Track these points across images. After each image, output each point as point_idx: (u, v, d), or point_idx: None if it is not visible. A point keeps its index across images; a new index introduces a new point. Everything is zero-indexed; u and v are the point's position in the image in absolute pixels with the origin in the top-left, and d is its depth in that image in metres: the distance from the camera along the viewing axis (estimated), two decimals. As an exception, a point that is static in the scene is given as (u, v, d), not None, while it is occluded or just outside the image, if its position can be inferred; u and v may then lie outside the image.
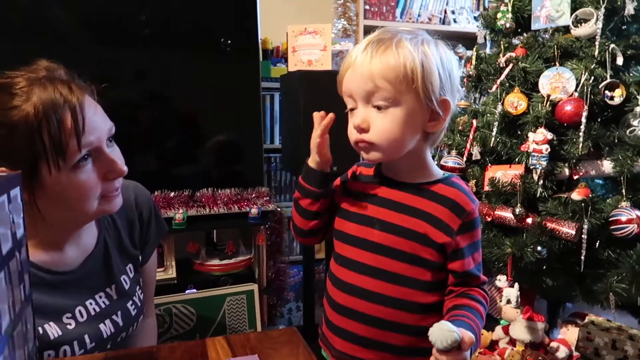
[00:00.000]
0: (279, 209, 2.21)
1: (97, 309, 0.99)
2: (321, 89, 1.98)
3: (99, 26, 1.93)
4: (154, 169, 2.07)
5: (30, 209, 0.85)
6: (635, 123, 1.49)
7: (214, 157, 2.17)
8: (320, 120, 0.91)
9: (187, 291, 1.79)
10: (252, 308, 1.81)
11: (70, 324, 0.93)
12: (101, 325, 0.98)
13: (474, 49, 1.99)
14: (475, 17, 3.09)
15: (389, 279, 0.87)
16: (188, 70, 2.07)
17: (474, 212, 0.87)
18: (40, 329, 0.88)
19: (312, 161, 0.94)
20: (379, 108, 0.83)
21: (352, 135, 0.87)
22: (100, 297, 1.01)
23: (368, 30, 2.82)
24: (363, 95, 0.83)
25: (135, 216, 1.10)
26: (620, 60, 1.55)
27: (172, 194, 2.00)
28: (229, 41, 2.11)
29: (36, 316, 0.71)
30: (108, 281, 1.03)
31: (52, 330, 0.90)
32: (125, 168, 0.92)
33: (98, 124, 0.88)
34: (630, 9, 1.53)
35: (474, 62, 1.94)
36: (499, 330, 1.82)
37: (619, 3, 1.56)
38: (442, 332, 0.70)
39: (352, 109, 0.87)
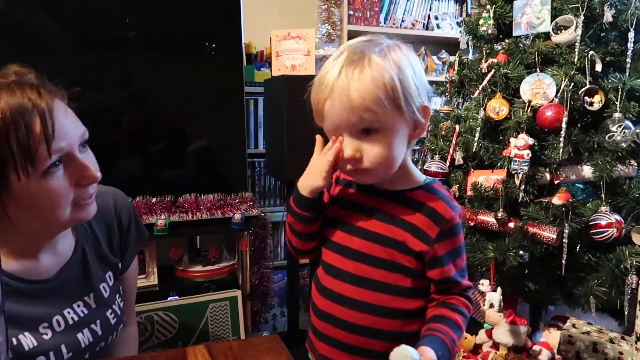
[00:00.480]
0: (262, 214, 2.20)
1: (75, 318, 0.96)
2: (304, 94, 1.98)
3: (82, 30, 1.90)
4: (136, 174, 2.05)
5: (1, 217, 0.83)
6: (614, 129, 1.51)
7: (197, 162, 2.15)
8: (321, 145, 0.88)
9: (169, 298, 1.77)
10: (235, 314, 1.79)
11: (46, 334, 0.91)
12: (79, 335, 0.96)
13: (457, 54, 2.00)
14: (458, 23, 3.12)
15: (369, 286, 0.87)
16: (171, 74, 2.05)
17: (453, 219, 0.87)
18: (14, 339, 0.85)
19: (308, 187, 0.89)
20: (367, 133, 0.81)
21: (344, 164, 0.85)
22: (79, 305, 0.98)
23: (352, 35, 2.82)
24: (349, 126, 0.81)
25: (114, 223, 1.08)
26: (599, 67, 1.58)
27: (154, 200, 1.97)
28: (213, 45, 2.10)
29: (10, 326, 0.68)
30: (86, 289, 1.00)
31: (27, 340, 0.87)
32: (98, 174, 0.90)
33: (69, 129, 0.85)
34: (608, 16, 1.56)
35: (456, 67, 1.95)
36: (482, 334, 1.83)
37: (597, 11, 1.59)
38: (401, 357, 0.72)
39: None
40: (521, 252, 1.56)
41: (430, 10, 3.16)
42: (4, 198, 0.82)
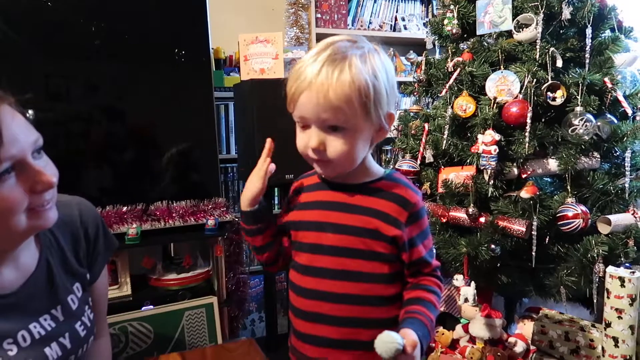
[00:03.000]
0: (237, 219, 2.18)
1: (42, 332, 0.94)
2: (274, 97, 1.97)
3: (46, 39, 1.85)
4: (106, 183, 2.00)
5: None
6: (576, 122, 1.56)
7: (168, 169, 2.12)
8: (267, 152, 0.98)
9: (143, 308, 1.74)
10: (212, 321, 1.77)
11: (11, 350, 0.88)
12: (47, 349, 0.93)
13: (424, 54, 2.03)
14: (424, 24, 3.16)
15: (349, 277, 0.90)
16: (139, 82, 2.02)
17: (418, 203, 0.92)
18: None
19: (247, 198, 0.97)
20: (333, 129, 0.85)
21: (308, 153, 0.88)
22: (45, 319, 0.95)
23: (320, 37, 2.82)
24: (318, 121, 0.85)
25: (80, 233, 1.05)
26: (559, 63, 1.62)
27: (124, 209, 1.93)
28: (181, 51, 2.07)
29: (-27, 343, 0.66)
30: (53, 302, 0.98)
31: None
32: (53, 179, 0.86)
33: (19, 135, 0.82)
34: (566, 13, 1.60)
35: (423, 67, 1.98)
36: (459, 329, 1.85)
37: (556, 8, 1.63)
38: (385, 345, 0.75)
39: (303, 125, 0.89)
40: (493, 246, 1.60)
41: (397, 12, 3.19)
42: None
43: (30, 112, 0.91)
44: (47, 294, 0.97)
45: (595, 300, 1.53)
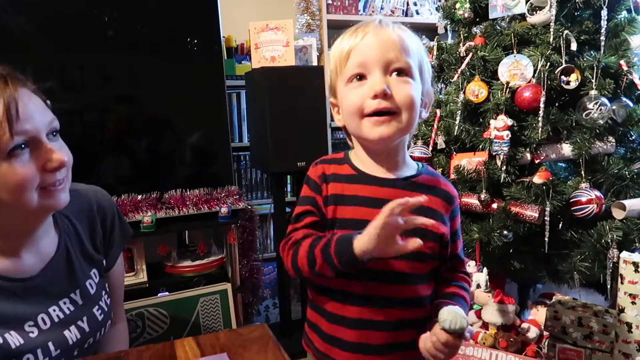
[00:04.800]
0: (249, 207, 2.20)
1: (61, 316, 0.97)
2: (285, 85, 1.98)
3: (60, 30, 1.88)
4: (121, 172, 2.04)
5: None
6: (590, 106, 1.53)
7: (182, 157, 2.15)
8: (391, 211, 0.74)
9: (159, 294, 1.77)
10: (226, 308, 1.80)
11: (32, 332, 0.91)
12: (66, 332, 0.96)
13: (435, 39, 2.01)
14: (436, 8, 3.12)
15: (396, 280, 0.85)
16: (152, 71, 2.04)
17: (457, 197, 0.91)
18: (0, 338, 0.86)
19: (366, 248, 0.76)
20: (398, 74, 0.81)
21: (370, 104, 0.81)
22: (65, 303, 0.98)
23: (331, 24, 2.81)
24: (383, 62, 0.81)
25: (97, 221, 1.08)
26: (574, 46, 1.59)
27: (139, 197, 1.96)
28: (193, 40, 2.08)
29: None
30: (72, 286, 1.01)
31: (14, 339, 0.88)
32: (65, 158, 0.89)
33: (35, 113, 0.86)
34: (581, -5, 1.57)
35: (435, 52, 1.96)
36: (472, 314, 1.85)
37: (571, -10, 1.60)
38: (454, 315, 0.74)
39: (360, 77, 0.83)
40: (505, 232, 1.59)
41: (409, -4, 3.15)
42: None
43: (49, 102, 0.94)
44: (67, 279, 1.00)
45: (608, 286, 1.52)
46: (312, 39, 2.23)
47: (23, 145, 0.84)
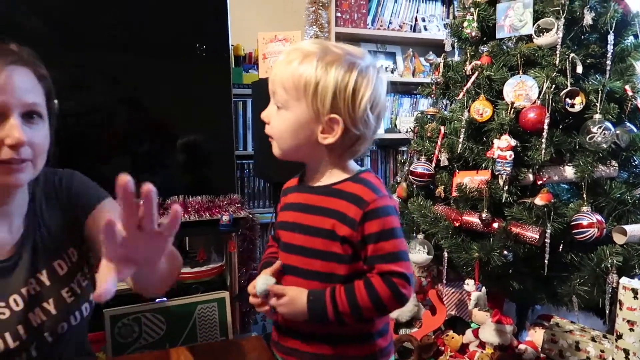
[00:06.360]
0: (251, 216, 2.20)
1: (26, 297, 0.94)
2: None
3: (69, 32, 1.90)
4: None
5: None
6: (594, 130, 1.54)
7: (185, 164, 2.15)
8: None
9: (157, 300, 1.77)
10: (224, 316, 1.79)
11: (3, 314, 0.89)
12: (30, 314, 0.93)
13: (442, 56, 2.02)
14: (445, 25, 3.14)
15: (315, 277, 0.92)
16: (159, 76, 2.05)
17: (374, 201, 0.89)
18: None
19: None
20: (278, 107, 0.91)
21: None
22: (31, 283, 0.95)
23: (339, 37, 2.84)
24: (271, 94, 0.92)
25: (63, 195, 1.04)
26: (580, 69, 1.60)
27: (141, 202, 1.97)
28: (202, 47, 2.10)
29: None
30: (39, 266, 0.98)
31: None
32: (23, 138, 0.86)
33: (13, 89, 0.85)
34: (588, 19, 1.58)
35: (441, 69, 1.97)
36: (469, 333, 1.85)
37: (578, 14, 1.61)
38: (259, 282, 0.91)
39: None
40: (505, 252, 1.59)
41: (417, 12, 3.16)
42: None
43: (55, 101, 0.94)
44: (34, 258, 0.97)
45: (607, 311, 1.51)
46: (319, 52, 2.24)
47: None
